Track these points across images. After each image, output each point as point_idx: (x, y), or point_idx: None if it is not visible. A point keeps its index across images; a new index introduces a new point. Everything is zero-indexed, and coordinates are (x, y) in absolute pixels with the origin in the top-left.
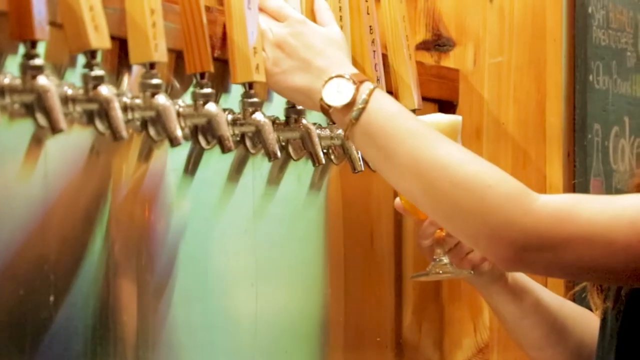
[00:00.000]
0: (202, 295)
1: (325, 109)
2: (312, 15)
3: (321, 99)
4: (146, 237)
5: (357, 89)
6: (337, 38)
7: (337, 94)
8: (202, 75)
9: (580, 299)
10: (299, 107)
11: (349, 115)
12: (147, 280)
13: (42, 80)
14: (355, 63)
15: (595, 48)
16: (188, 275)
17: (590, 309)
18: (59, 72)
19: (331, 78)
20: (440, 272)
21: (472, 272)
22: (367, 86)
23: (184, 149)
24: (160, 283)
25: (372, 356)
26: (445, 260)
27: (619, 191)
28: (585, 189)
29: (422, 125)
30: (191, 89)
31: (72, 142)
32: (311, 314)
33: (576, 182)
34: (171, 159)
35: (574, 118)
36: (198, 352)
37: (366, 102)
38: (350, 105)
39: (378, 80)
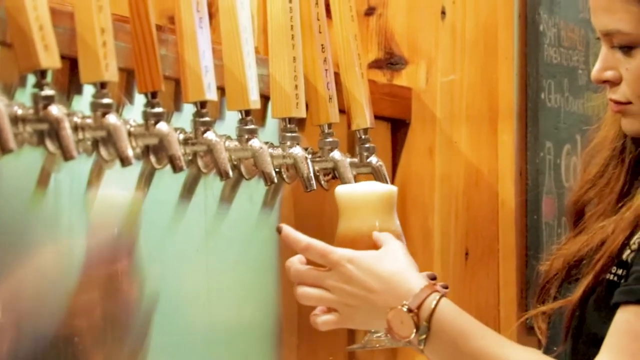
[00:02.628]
0: (155, 315)
1: (397, 339)
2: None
3: (390, 329)
4: (97, 258)
5: (416, 318)
6: (389, 259)
7: (400, 325)
8: (154, 94)
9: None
10: (251, 127)
11: (416, 345)
12: (98, 301)
13: None
14: (307, 82)
15: (547, 66)
16: (140, 295)
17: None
18: (9, 92)
19: (391, 311)
20: (377, 345)
21: (408, 342)
22: (426, 309)
23: (135, 169)
24: (111, 303)
25: None
26: (381, 332)
27: None
28: (537, 207)
29: (487, 346)
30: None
31: (23, 162)
32: (264, 335)
33: (528, 200)
34: (122, 179)
35: (526, 136)
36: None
37: (427, 328)
38: (415, 334)
39: (330, 99)
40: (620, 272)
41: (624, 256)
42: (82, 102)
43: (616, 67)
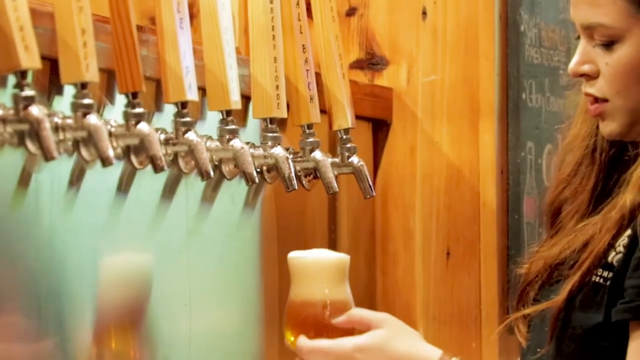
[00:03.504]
0: (135, 316)
1: None
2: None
3: None
4: (79, 258)
5: None
6: (398, 340)
7: None
8: (134, 95)
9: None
10: (232, 127)
11: None
12: (80, 300)
13: None
14: (288, 82)
15: (528, 66)
16: (121, 297)
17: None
18: None
19: None
20: None
21: None
22: None
23: (116, 169)
24: (91, 305)
25: None
26: None
27: None
28: (518, 206)
29: None
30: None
31: (3, 163)
32: (245, 334)
33: (509, 199)
34: (103, 179)
35: (507, 136)
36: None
37: None
38: None
39: (311, 99)
40: (605, 274)
41: (609, 258)
42: (63, 103)
43: (594, 61)
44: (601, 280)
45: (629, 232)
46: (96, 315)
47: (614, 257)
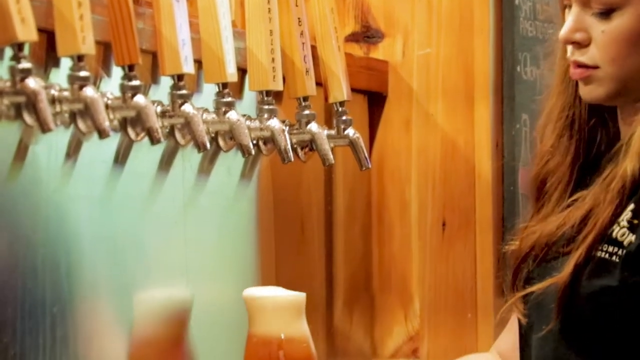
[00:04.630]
0: (133, 287)
1: None
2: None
3: None
4: (76, 230)
5: None
6: None
7: None
8: (131, 67)
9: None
10: (228, 99)
11: None
12: (77, 274)
13: None
14: (284, 55)
15: (523, 39)
16: (118, 268)
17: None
18: None
19: None
20: None
21: None
22: None
23: (113, 141)
24: (90, 276)
25: None
26: None
27: None
28: (513, 178)
29: None
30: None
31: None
32: (241, 303)
33: (504, 171)
34: (100, 151)
35: (502, 108)
36: (127, 343)
37: None
38: None
39: (307, 72)
40: (612, 249)
41: (615, 233)
42: (60, 75)
43: (587, 29)
44: (607, 256)
45: (632, 206)
46: (93, 285)
47: (618, 232)
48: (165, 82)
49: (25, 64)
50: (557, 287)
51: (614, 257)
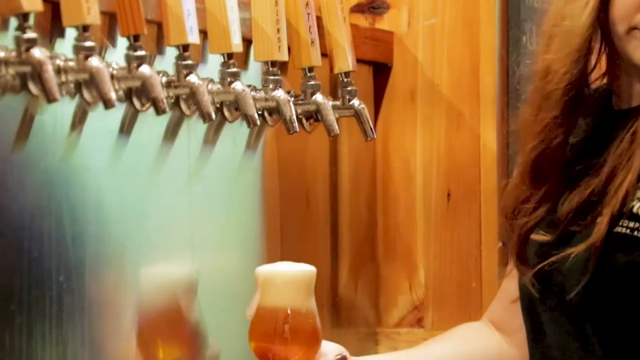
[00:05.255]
0: (138, 258)
1: None
2: None
3: None
4: (81, 200)
5: None
6: None
7: None
8: (136, 38)
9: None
10: (234, 70)
11: None
12: (83, 243)
13: None
14: (289, 25)
15: (529, 10)
16: (124, 238)
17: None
18: None
19: None
20: None
21: None
22: None
23: (118, 111)
24: (96, 246)
25: None
26: None
27: None
28: (518, 148)
29: None
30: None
31: (5, 105)
32: (247, 274)
33: (509, 142)
34: (105, 122)
35: (508, 79)
36: (133, 313)
37: None
38: None
39: (312, 42)
40: (632, 224)
41: (635, 209)
42: (65, 45)
43: None
44: (627, 231)
45: None
46: (98, 255)
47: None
48: (171, 52)
49: (30, 34)
50: (576, 260)
51: (635, 233)
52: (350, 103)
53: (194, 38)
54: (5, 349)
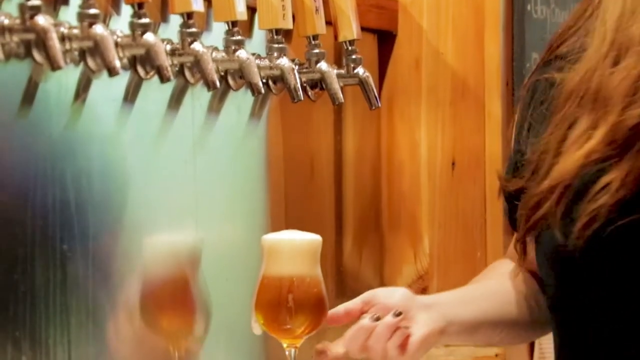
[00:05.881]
0: (142, 227)
1: None
2: None
3: None
4: (85, 169)
5: None
6: None
7: None
8: (140, 5)
9: None
10: (238, 38)
11: None
12: (87, 212)
13: None
14: None
15: None
16: (128, 206)
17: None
18: None
19: None
20: None
21: None
22: None
23: (122, 79)
24: (100, 215)
25: None
26: None
27: None
28: None
29: None
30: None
31: (10, 72)
32: (252, 243)
33: (515, 110)
34: (110, 90)
35: (512, 47)
36: (137, 281)
37: None
38: None
39: (317, 10)
40: None
41: None
42: (69, 13)
43: None
44: None
45: None
46: (103, 224)
47: None
48: (175, 20)
49: (34, 1)
50: None
51: None
52: (355, 71)
53: (198, 6)
54: (8, 317)
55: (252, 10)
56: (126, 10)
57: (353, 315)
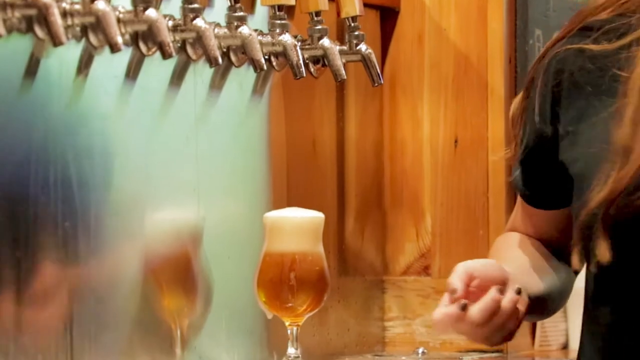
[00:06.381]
0: (144, 203)
1: None
2: None
3: None
4: (87, 145)
5: None
6: None
7: None
8: None
9: None
10: (240, 14)
11: None
12: (89, 189)
13: None
14: None
15: None
16: (129, 183)
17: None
18: None
19: None
20: None
21: None
22: None
23: (124, 55)
24: (102, 191)
25: None
26: None
27: None
28: None
29: None
30: None
31: (12, 48)
32: (253, 221)
33: (517, 87)
34: (111, 66)
35: (515, 23)
36: (139, 259)
37: None
38: None
39: None
40: None
41: None
42: None
43: None
44: None
45: None
46: (104, 201)
47: None
48: None
49: None
50: None
51: None
52: (358, 48)
53: None
54: (11, 294)
55: None
56: None
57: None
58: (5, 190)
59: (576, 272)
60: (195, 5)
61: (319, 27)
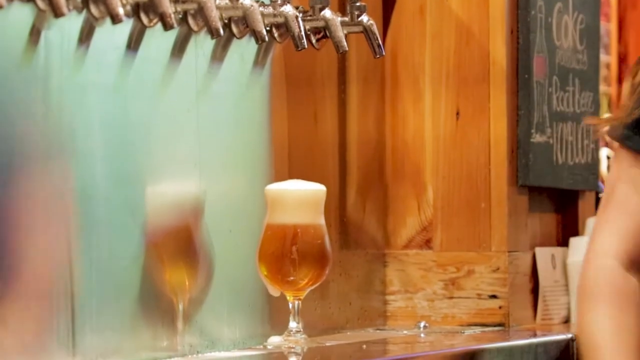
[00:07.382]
0: (145, 176)
1: None
2: None
3: None
4: (88, 117)
5: None
6: None
7: None
8: None
9: None
10: None
11: None
12: (89, 161)
13: None
14: None
15: None
16: (130, 156)
17: None
18: None
19: None
20: None
21: None
22: None
23: (125, 27)
24: (102, 164)
25: None
26: None
27: (561, 67)
28: (528, 65)
29: None
30: None
31: (13, 20)
32: (255, 194)
33: (519, 58)
34: (113, 37)
35: None
36: (141, 231)
37: None
38: None
39: None
40: None
41: None
42: None
43: None
44: None
45: None
46: (105, 174)
47: None
48: None
49: None
50: None
51: None
52: (359, 19)
53: None
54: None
55: None
56: None
57: None
58: (6, 164)
59: None
60: None
61: None
